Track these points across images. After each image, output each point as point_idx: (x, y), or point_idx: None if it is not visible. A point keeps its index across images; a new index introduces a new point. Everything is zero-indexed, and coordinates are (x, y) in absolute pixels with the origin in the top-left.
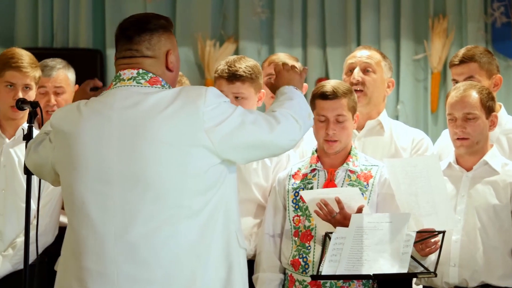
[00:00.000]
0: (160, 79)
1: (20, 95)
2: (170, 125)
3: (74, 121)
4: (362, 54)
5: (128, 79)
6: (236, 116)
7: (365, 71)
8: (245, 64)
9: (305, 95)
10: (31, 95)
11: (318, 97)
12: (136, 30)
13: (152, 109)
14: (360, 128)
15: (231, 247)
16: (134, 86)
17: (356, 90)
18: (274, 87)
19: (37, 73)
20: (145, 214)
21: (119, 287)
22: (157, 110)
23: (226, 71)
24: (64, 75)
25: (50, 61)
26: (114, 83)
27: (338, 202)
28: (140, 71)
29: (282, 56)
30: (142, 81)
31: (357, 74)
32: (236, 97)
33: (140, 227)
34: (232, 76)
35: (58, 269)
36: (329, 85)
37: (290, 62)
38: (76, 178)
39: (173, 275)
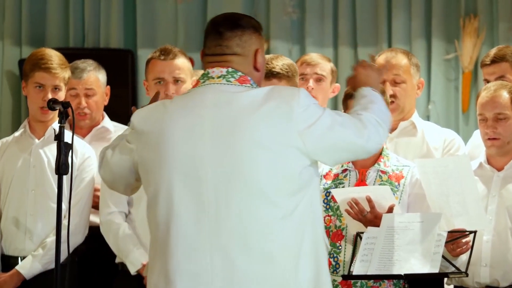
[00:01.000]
0: (249, 78)
1: (50, 96)
2: (264, 125)
3: (160, 120)
4: (392, 66)
5: (218, 77)
6: (326, 117)
7: (395, 82)
8: (282, 62)
9: (337, 95)
10: (61, 96)
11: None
12: (229, 26)
13: (245, 108)
14: (391, 129)
15: (319, 248)
16: (224, 84)
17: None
18: (352, 85)
19: (67, 74)
20: (239, 214)
21: (214, 284)
22: (250, 109)
23: None
24: (95, 77)
25: (81, 63)
26: (202, 80)
27: (369, 201)
28: (230, 69)
29: (314, 56)
30: (232, 79)
31: (388, 88)
32: None
33: (234, 227)
34: (269, 73)
35: (148, 273)
36: None
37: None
38: (164, 177)
39: (267, 275)
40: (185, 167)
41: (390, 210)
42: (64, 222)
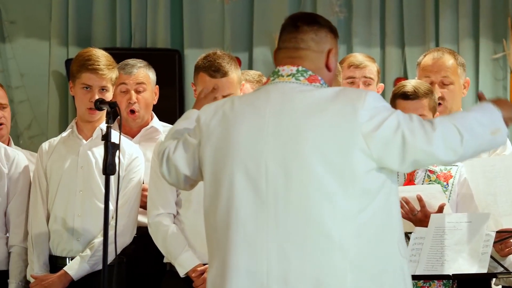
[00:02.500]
0: (319, 77)
1: (97, 97)
2: (328, 125)
3: (227, 117)
4: (440, 67)
5: (287, 76)
6: (392, 120)
7: (443, 84)
8: None
9: (382, 95)
10: (108, 97)
11: (399, 97)
12: (306, 20)
13: (310, 107)
14: None
15: (390, 256)
16: (293, 82)
17: None
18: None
19: (114, 74)
20: (297, 214)
21: (269, 286)
22: (315, 109)
23: None
24: (145, 73)
25: (131, 60)
26: (272, 78)
27: (420, 200)
28: (300, 68)
29: (361, 58)
30: (301, 78)
31: (437, 90)
32: None
33: (292, 227)
34: None
35: (207, 270)
36: (410, 85)
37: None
38: (226, 175)
39: (324, 276)
40: (247, 167)
41: (441, 209)
42: (112, 222)
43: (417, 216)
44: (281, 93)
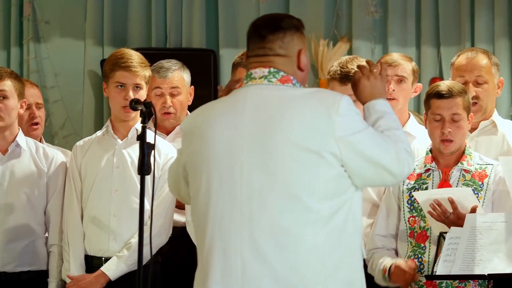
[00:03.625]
0: (291, 77)
1: (131, 95)
2: (301, 126)
3: (206, 118)
4: (473, 66)
5: (259, 78)
6: (368, 134)
7: (477, 83)
8: (356, 64)
9: (419, 95)
10: (142, 95)
11: (433, 96)
12: (270, 29)
13: (284, 108)
14: (472, 129)
15: (358, 257)
16: (266, 84)
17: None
18: (359, 98)
19: (147, 72)
20: (272, 213)
21: (243, 283)
22: (289, 109)
23: (339, 72)
24: (180, 76)
25: (166, 62)
26: (245, 81)
27: (452, 202)
28: (271, 69)
29: (395, 57)
30: (274, 79)
31: (471, 90)
32: None
33: (267, 226)
34: (345, 77)
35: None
36: (444, 84)
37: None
38: (203, 174)
39: (297, 275)
40: (222, 165)
41: (473, 211)
42: (148, 222)
43: (449, 218)
44: (256, 95)
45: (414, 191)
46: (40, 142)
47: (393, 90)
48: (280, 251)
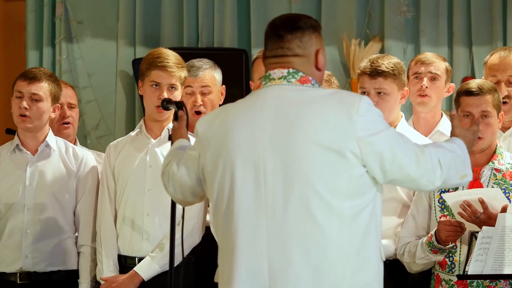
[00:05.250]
0: (310, 78)
1: (165, 95)
2: (322, 125)
3: (224, 123)
4: (506, 66)
5: (279, 78)
6: (388, 134)
7: (509, 83)
8: (387, 61)
9: (452, 95)
10: (177, 96)
11: (463, 93)
12: (288, 28)
13: (304, 108)
14: (504, 129)
15: (378, 259)
16: (285, 85)
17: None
18: (451, 131)
19: (183, 73)
20: (296, 213)
21: (270, 284)
22: (309, 109)
23: (369, 67)
24: (211, 75)
25: (197, 61)
26: (264, 82)
27: (482, 202)
28: (290, 70)
29: (428, 55)
30: (293, 80)
31: (503, 89)
32: (379, 93)
33: (291, 227)
34: (374, 72)
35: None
36: (474, 82)
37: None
38: (227, 177)
39: (322, 275)
40: (245, 167)
41: (503, 211)
42: (181, 222)
43: (480, 218)
44: (276, 96)
45: (445, 190)
46: (74, 143)
47: (426, 87)
48: (305, 251)
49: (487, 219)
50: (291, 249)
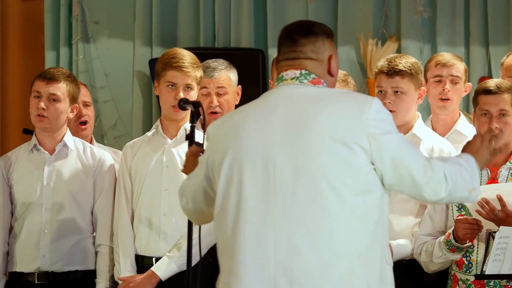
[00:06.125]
0: (322, 80)
1: (181, 95)
2: (334, 120)
3: (235, 121)
4: None
5: (291, 79)
6: (398, 138)
7: None
8: (405, 60)
9: (468, 94)
10: (193, 95)
11: (481, 92)
12: (302, 33)
13: (316, 104)
14: None
15: (382, 261)
16: (297, 84)
17: None
18: (463, 149)
19: (199, 73)
20: (305, 206)
21: (275, 275)
22: (321, 105)
23: (386, 66)
24: (226, 76)
25: (212, 62)
26: (276, 83)
27: (500, 199)
28: (303, 71)
29: (448, 57)
30: (305, 80)
31: None
32: (396, 92)
33: (300, 219)
34: (392, 70)
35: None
36: (492, 81)
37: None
38: (236, 169)
39: (331, 268)
40: (256, 161)
41: None
42: None
43: (498, 215)
44: (287, 94)
45: None
46: (90, 143)
47: (449, 90)
48: (313, 243)
49: (505, 216)
50: (299, 241)
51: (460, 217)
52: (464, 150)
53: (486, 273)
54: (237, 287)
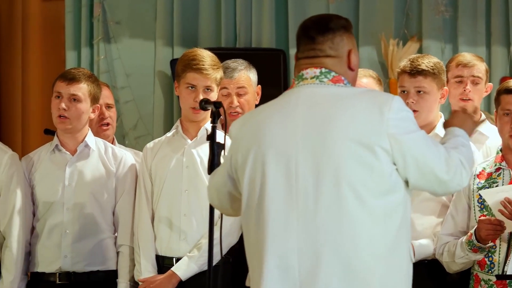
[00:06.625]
0: (342, 78)
1: (201, 97)
2: (355, 121)
3: (256, 121)
4: None
5: (311, 78)
6: (420, 136)
7: None
8: (428, 60)
9: (490, 94)
10: (213, 97)
11: (503, 92)
12: (319, 30)
13: (337, 105)
14: None
15: (408, 260)
16: (317, 84)
17: None
18: (445, 124)
19: (219, 74)
20: (327, 209)
21: (301, 282)
22: (342, 106)
23: (409, 65)
24: (246, 76)
25: (232, 63)
26: (296, 82)
27: None
28: (323, 70)
29: (469, 57)
30: (325, 79)
31: None
32: (418, 91)
33: (322, 220)
34: (414, 70)
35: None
36: None
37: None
38: (258, 169)
39: (353, 272)
40: (277, 164)
41: None
42: (219, 222)
43: None
44: (308, 95)
45: (482, 187)
46: (112, 143)
47: (470, 91)
48: (336, 247)
49: None
50: (322, 244)
51: (482, 217)
52: (450, 124)
53: (507, 273)
54: None
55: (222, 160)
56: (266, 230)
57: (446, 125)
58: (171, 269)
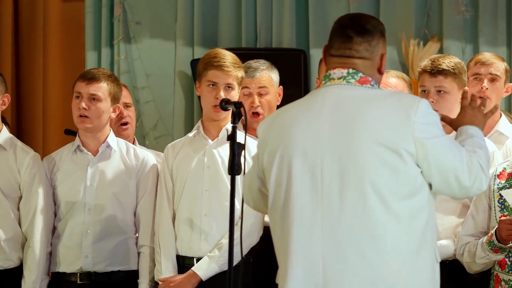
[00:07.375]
0: (370, 78)
1: (222, 94)
2: (381, 124)
3: (283, 121)
4: None
5: (338, 78)
6: (445, 141)
7: None
8: (448, 60)
9: (510, 95)
10: (234, 95)
11: None
12: (358, 31)
13: (364, 107)
14: None
15: (433, 261)
16: (344, 85)
17: None
18: (456, 122)
19: (240, 73)
20: (352, 211)
21: (325, 282)
22: (369, 108)
23: (430, 65)
24: (268, 76)
25: (254, 62)
26: (323, 82)
27: None
28: (350, 70)
29: (488, 56)
30: (352, 80)
31: None
32: (439, 91)
33: (347, 222)
34: (435, 70)
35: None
36: None
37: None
38: (285, 170)
39: (378, 274)
40: (303, 165)
41: None
42: (239, 222)
43: None
44: (334, 96)
45: (505, 190)
46: (133, 143)
47: (486, 88)
48: (360, 249)
49: None
50: (346, 247)
51: (503, 217)
52: (461, 122)
53: None
54: None
55: (241, 160)
56: (291, 230)
57: (456, 123)
58: (192, 268)
